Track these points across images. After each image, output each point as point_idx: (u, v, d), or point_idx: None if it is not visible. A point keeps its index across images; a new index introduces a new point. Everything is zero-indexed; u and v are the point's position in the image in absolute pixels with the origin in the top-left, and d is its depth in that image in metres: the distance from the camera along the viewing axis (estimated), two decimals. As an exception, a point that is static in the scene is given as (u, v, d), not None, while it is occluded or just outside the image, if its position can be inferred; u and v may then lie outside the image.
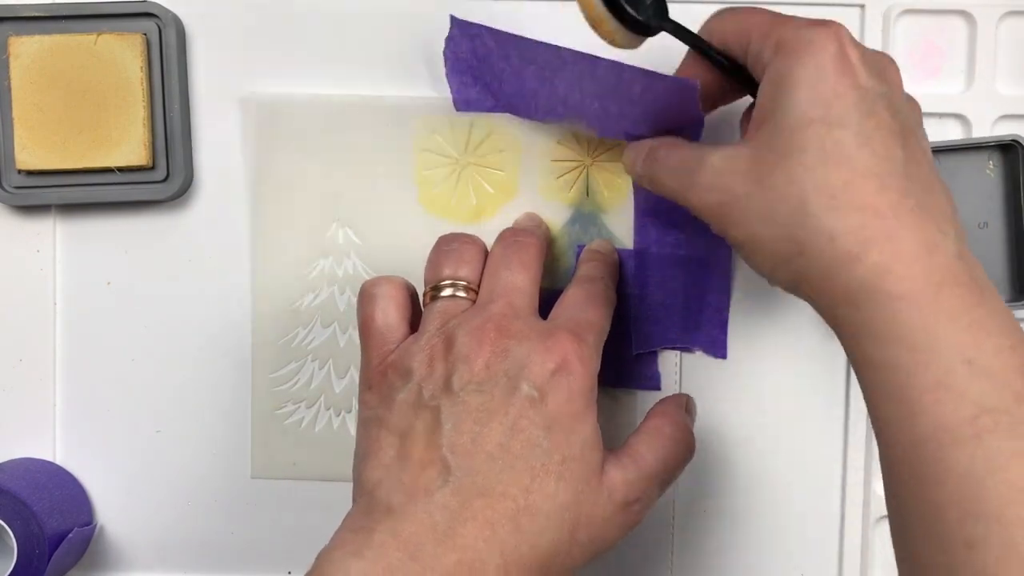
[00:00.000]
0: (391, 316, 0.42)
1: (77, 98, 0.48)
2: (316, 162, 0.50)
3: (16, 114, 0.48)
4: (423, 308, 0.43)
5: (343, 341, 0.51)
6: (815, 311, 0.37)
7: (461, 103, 0.49)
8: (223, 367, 0.51)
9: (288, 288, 0.51)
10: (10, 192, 0.49)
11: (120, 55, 0.48)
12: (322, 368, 0.51)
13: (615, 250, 0.49)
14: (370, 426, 0.40)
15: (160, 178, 0.49)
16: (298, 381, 0.51)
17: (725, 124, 0.50)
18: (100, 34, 0.48)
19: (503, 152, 0.50)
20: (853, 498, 0.51)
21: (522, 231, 0.45)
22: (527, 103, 0.48)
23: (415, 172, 0.50)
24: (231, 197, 0.51)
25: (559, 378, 0.38)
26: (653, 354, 0.50)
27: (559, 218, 0.50)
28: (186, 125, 0.50)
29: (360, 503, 0.38)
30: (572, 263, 0.49)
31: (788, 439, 0.51)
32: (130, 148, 0.48)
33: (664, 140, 0.42)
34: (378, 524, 0.36)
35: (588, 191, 0.50)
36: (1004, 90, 0.50)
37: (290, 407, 0.51)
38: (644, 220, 0.49)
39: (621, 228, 0.50)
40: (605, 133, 0.47)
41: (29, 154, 0.48)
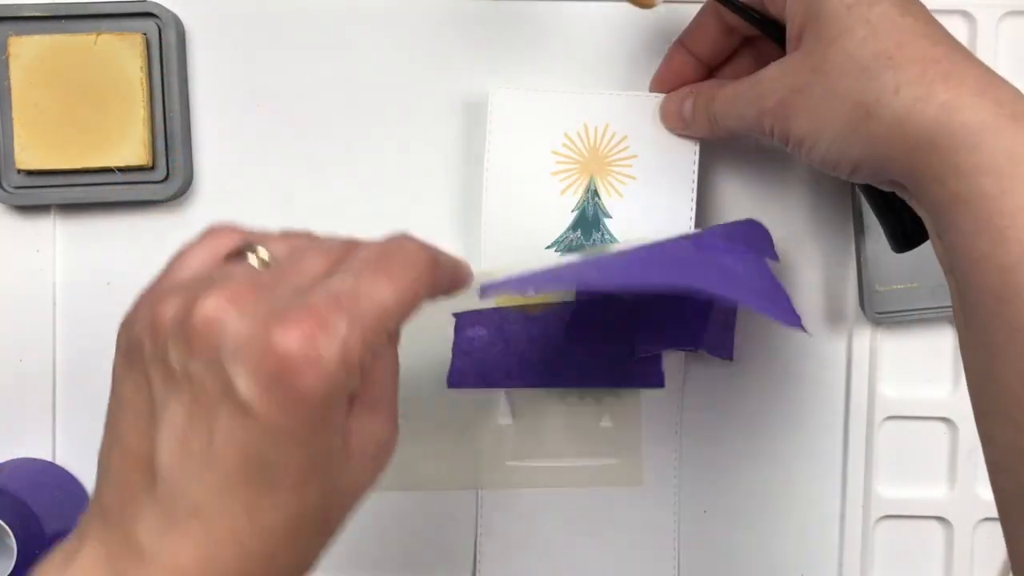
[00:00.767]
0: (200, 258, 0.33)
1: (77, 98, 0.48)
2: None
3: (16, 114, 0.48)
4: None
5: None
6: (896, 194, 0.38)
7: (455, 379, 0.50)
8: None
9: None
10: (10, 192, 0.49)
11: (120, 55, 0.48)
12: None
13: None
14: (112, 380, 0.32)
15: (160, 178, 0.49)
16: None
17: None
18: (100, 34, 0.48)
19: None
20: (853, 498, 0.51)
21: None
22: (526, 373, 0.49)
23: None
24: (231, 197, 0.51)
25: (279, 383, 0.28)
26: (658, 354, 0.50)
27: (561, 222, 0.50)
28: (186, 125, 0.50)
29: (95, 488, 0.32)
30: None
31: (789, 439, 0.51)
32: (130, 148, 0.48)
33: (709, 82, 0.45)
34: (90, 529, 0.30)
35: (589, 195, 0.50)
36: (1004, 90, 0.50)
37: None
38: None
39: (623, 232, 0.49)
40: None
41: (29, 154, 0.48)
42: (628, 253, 0.40)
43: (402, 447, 0.35)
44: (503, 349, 0.49)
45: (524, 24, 0.50)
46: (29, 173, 0.49)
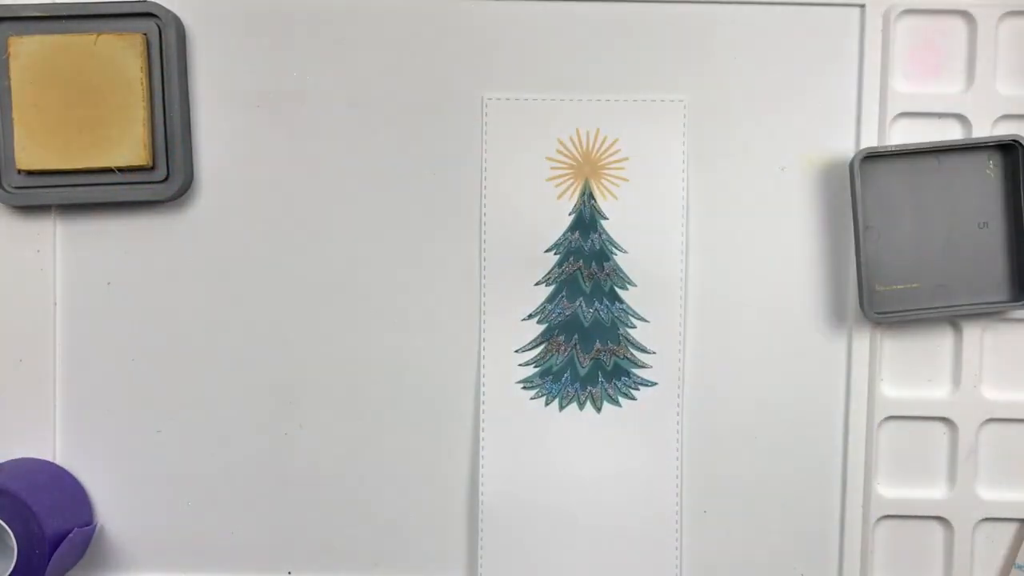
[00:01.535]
0: None
1: (77, 98, 0.48)
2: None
3: (16, 114, 0.48)
4: None
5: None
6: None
7: None
8: (223, 367, 0.51)
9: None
10: (10, 192, 0.49)
11: (120, 55, 0.48)
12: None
13: None
14: None
15: (160, 178, 0.49)
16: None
17: (723, 125, 0.50)
18: (100, 34, 0.48)
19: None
20: (853, 498, 0.51)
21: None
22: None
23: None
24: (231, 197, 0.51)
25: None
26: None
27: (559, 225, 0.50)
28: (186, 125, 0.50)
29: None
30: None
31: (789, 439, 0.51)
32: (130, 148, 0.48)
33: None
34: None
35: (585, 198, 0.50)
36: (1004, 90, 0.50)
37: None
38: None
39: (620, 234, 0.50)
40: None
41: (29, 154, 0.48)
42: None
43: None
44: None
45: (521, 26, 0.50)
46: (29, 173, 0.48)
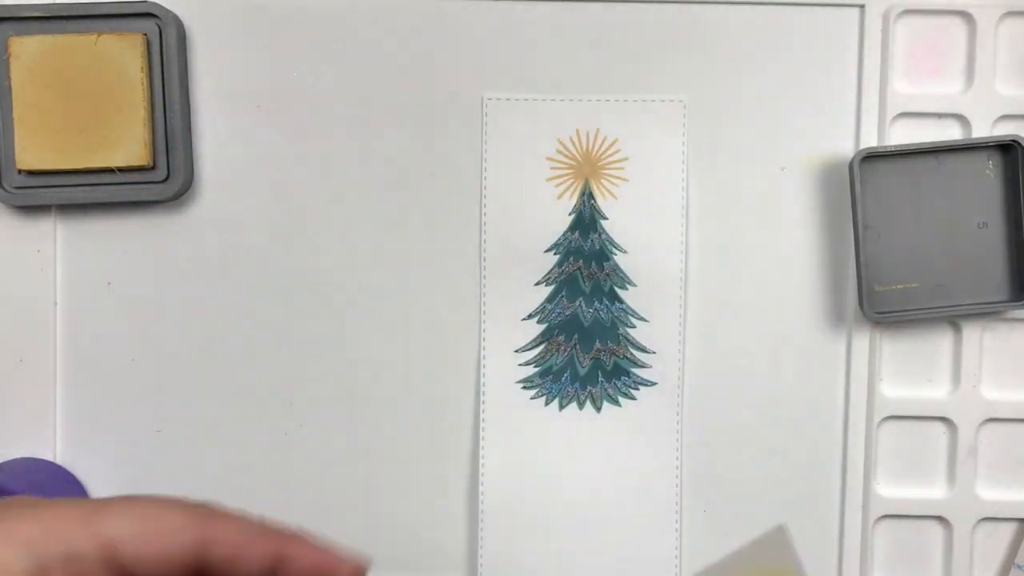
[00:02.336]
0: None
1: (77, 98, 0.48)
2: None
3: (16, 114, 0.48)
4: None
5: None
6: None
7: None
8: (223, 367, 0.51)
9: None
10: (10, 192, 0.49)
11: (120, 55, 0.48)
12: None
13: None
14: None
15: (160, 178, 0.49)
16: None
17: (723, 125, 0.50)
18: (100, 34, 0.48)
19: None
20: (853, 498, 0.51)
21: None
22: None
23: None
24: (231, 197, 0.51)
25: None
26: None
27: (559, 225, 0.50)
28: (186, 125, 0.50)
29: None
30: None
31: (788, 439, 0.51)
32: (130, 148, 0.48)
33: None
34: None
35: (585, 198, 0.50)
36: (1004, 90, 0.50)
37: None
38: None
39: (620, 234, 0.50)
40: None
41: (29, 154, 0.48)
42: None
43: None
44: None
45: (521, 26, 0.50)
46: (29, 173, 0.49)
